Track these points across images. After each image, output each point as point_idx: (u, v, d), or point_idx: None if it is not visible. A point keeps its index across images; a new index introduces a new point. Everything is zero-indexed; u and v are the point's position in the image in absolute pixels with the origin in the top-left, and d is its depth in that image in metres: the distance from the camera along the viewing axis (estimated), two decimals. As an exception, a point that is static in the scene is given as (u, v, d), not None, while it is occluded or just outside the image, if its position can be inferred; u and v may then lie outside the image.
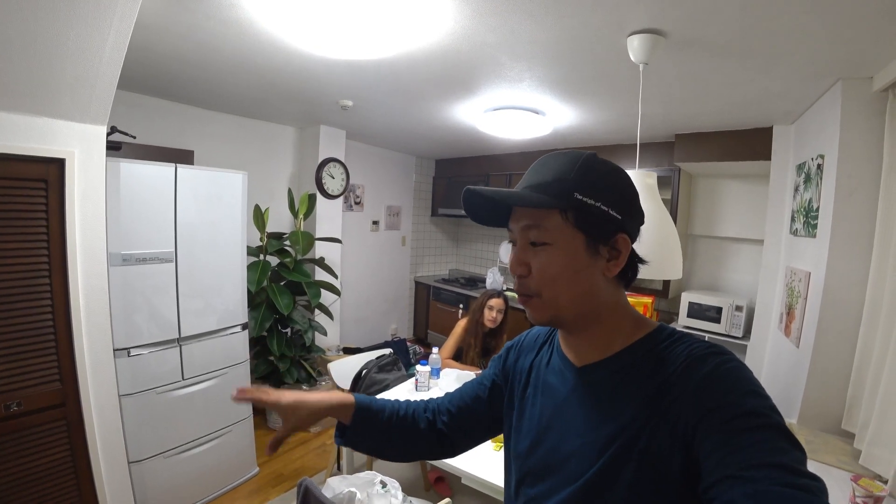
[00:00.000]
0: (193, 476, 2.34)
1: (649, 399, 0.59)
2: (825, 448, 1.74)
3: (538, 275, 0.64)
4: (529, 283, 0.65)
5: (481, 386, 0.89)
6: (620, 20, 1.48)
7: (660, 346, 0.63)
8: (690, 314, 3.21)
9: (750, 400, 0.52)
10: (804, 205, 2.19)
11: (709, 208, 3.41)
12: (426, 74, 2.15)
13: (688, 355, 0.59)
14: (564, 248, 0.63)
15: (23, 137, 1.58)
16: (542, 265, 0.64)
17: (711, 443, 0.51)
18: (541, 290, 0.65)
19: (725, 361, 0.56)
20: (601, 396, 0.65)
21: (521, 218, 0.66)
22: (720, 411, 0.52)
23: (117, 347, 1.97)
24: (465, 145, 4.18)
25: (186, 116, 3.09)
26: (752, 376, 0.56)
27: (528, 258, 0.65)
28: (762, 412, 0.51)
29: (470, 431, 0.89)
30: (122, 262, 1.99)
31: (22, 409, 1.66)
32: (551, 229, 0.63)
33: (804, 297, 2.06)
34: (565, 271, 0.63)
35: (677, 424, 0.55)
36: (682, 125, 2.83)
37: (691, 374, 0.57)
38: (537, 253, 0.64)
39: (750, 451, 0.48)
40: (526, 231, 0.65)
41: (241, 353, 2.59)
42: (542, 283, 0.64)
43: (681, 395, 0.56)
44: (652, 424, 0.57)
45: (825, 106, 2.00)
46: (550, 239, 0.63)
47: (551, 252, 0.63)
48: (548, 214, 0.63)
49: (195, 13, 1.60)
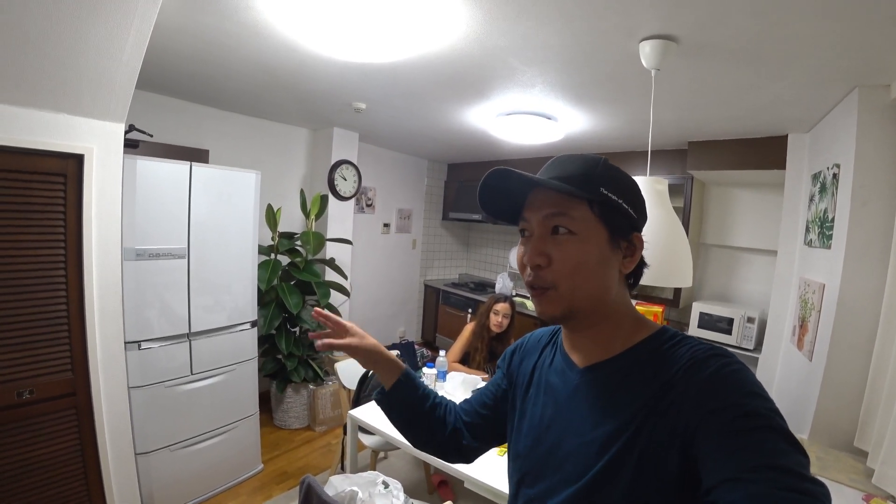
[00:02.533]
0: (198, 470, 2.36)
1: (650, 399, 0.59)
2: (836, 466, 1.69)
3: (560, 265, 0.63)
4: (546, 275, 0.64)
5: (489, 392, 0.91)
6: (632, 25, 1.48)
7: (662, 347, 0.63)
8: (701, 325, 3.17)
9: (752, 401, 0.52)
10: (819, 215, 2.15)
11: (721, 217, 3.36)
12: (438, 78, 2.17)
13: (690, 357, 0.58)
14: (590, 240, 0.63)
15: (44, 133, 1.63)
16: (566, 254, 0.63)
17: (712, 444, 0.50)
18: (558, 282, 0.63)
19: (728, 363, 0.56)
20: (602, 396, 0.65)
21: (544, 207, 0.65)
22: (722, 412, 0.52)
23: (128, 340, 2.01)
24: (477, 149, 4.19)
25: (202, 116, 3.15)
26: (755, 378, 0.56)
27: (548, 248, 0.64)
28: (764, 414, 0.50)
29: (483, 436, 0.90)
30: (135, 256, 2.04)
31: (34, 396, 1.70)
32: (579, 219, 0.63)
33: (818, 310, 2.02)
34: (589, 262, 0.63)
35: (678, 425, 0.55)
36: (695, 132, 2.81)
37: (693, 376, 0.56)
38: (560, 243, 0.64)
39: (751, 452, 0.47)
40: (549, 220, 0.65)
41: (250, 350, 2.62)
42: (562, 274, 0.63)
43: (682, 395, 0.56)
44: (652, 424, 0.57)
45: (841, 114, 1.97)
46: (577, 229, 0.63)
47: (577, 242, 0.63)
48: (576, 204, 0.63)
49: (212, 15, 1.64)
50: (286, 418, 3.28)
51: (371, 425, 1.98)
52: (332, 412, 3.34)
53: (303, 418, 3.33)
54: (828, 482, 1.55)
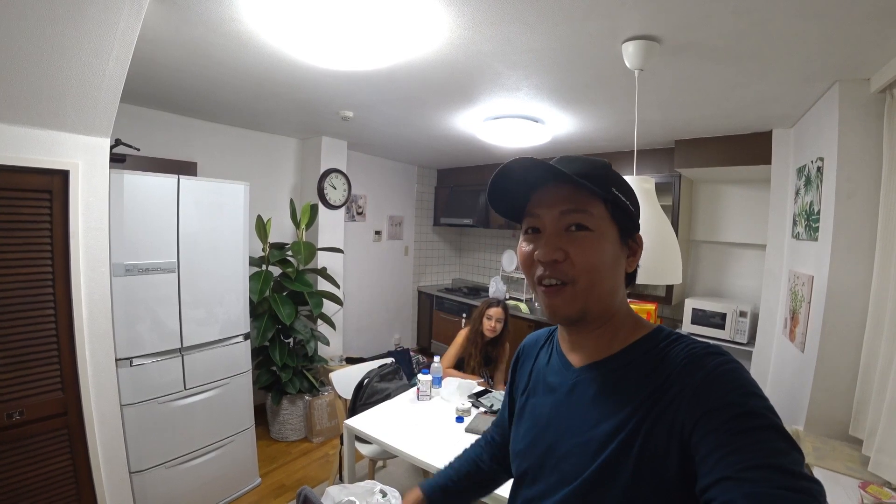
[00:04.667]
0: (195, 486, 2.33)
1: (647, 398, 0.59)
2: (833, 455, 1.70)
3: (579, 260, 0.62)
4: (566, 268, 0.63)
5: (503, 415, 0.93)
6: (614, 27, 1.49)
7: (658, 346, 0.63)
8: (694, 321, 3.19)
9: (748, 400, 0.52)
10: (805, 208, 2.18)
11: (711, 214, 3.40)
12: (424, 84, 2.18)
13: (687, 355, 0.59)
14: (606, 237, 0.64)
15: (28, 149, 1.61)
16: (584, 251, 0.62)
17: (709, 443, 0.50)
18: (578, 277, 0.62)
19: (724, 362, 0.56)
20: (599, 395, 0.65)
21: (560, 202, 0.64)
22: (718, 412, 0.52)
23: (119, 357, 1.98)
24: (466, 154, 4.21)
25: (190, 129, 3.13)
26: (751, 377, 0.56)
27: (564, 244, 0.63)
28: (761, 413, 0.51)
29: None
30: (124, 272, 2.01)
31: (24, 417, 1.66)
32: (597, 216, 0.63)
33: (808, 302, 2.04)
34: (606, 260, 0.63)
35: (675, 424, 0.55)
36: (682, 131, 2.84)
37: (690, 374, 0.57)
38: (577, 239, 0.63)
39: (748, 451, 0.48)
40: (565, 216, 0.64)
41: (244, 362, 2.60)
42: (582, 270, 0.62)
43: (679, 394, 0.56)
44: (649, 424, 0.57)
45: (823, 108, 2.00)
46: (594, 226, 0.63)
47: (594, 239, 0.63)
48: (594, 202, 0.64)
49: (196, 26, 1.63)
50: (283, 430, 3.25)
51: (367, 434, 1.97)
52: (328, 422, 3.31)
53: (299, 430, 3.30)
54: (825, 471, 1.56)
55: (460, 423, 2.09)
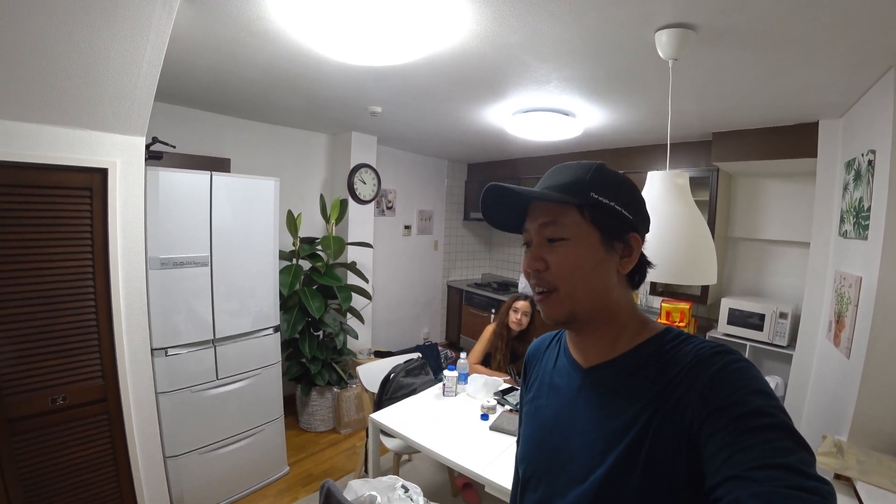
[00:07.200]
0: (226, 472, 2.42)
1: (655, 398, 0.58)
2: (878, 469, 1.60)
3: (556, 268, 0.65)
4: (547, 277, 0.66)
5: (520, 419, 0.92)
6: (646, 15, 1.43)
7: (666, 346, 0.63)
8: (731, 321, 3.05)
9: (757, 399, 0.51)
10: (854, 204, 2.04)
11: (750, 209, 3.24)
12: (451, 78, 2.16)
13: (695, 355, 0.58)
14: (582, 243, 0.65)
15: (69, 149, 1.69)
16: (560, 259, 0.65)
17: (717, 441, 0.50)
18: (558, 284, 0.65)
19: (732, 361, 0.56)
20: (606, 396, 0.65)
21: (539, 216, 0.67)
22: (726, 410, 0.51)
23: (155, 347, 2.07)
24: (496, 148, 4.16)
25: (223, 126, 3.22)
26: (760, 375, 0.55)
27: (544, 254, 0.66)
28: (769, 411, 0.50)
29: None
30: (160, 265, 2.09)
31: (67, 402, 1.76)
32: (569, 225, 0.65)
33: (855, 304, 1.92)
34: (584, 264, 0.64)
35: (682, 423, 0.54)
36: (719, 123, 2.71)
37: (698, 373, 0.56)
38: (555, 248, 0.66)
39: (756, 450, 0.47)
40: (543, 228, 0.67)
41: (274, 354, 2.66)
42: (561, 277, 0.65)
43: (687, 393, 0.55)
44: (657, 424, 0.57)
45: (876, 97, 1.86)
46: (568, 234, 0.65)
47: (569, 247, 0.65)
48: (566, 211, 0.65)
49: (225, 26, 1.66)
50: (311, 421, 3.33)
51: (392, 428, 1.98)
52: (356, 415, 3.37)
53: (328, 421, 3.37)
54: (869, 487, 1.47)
55: (485, 421, 2.08)
